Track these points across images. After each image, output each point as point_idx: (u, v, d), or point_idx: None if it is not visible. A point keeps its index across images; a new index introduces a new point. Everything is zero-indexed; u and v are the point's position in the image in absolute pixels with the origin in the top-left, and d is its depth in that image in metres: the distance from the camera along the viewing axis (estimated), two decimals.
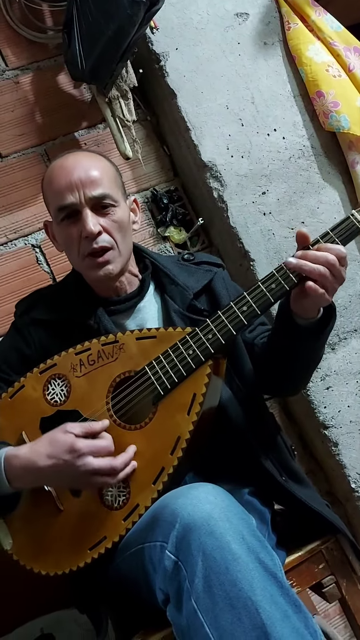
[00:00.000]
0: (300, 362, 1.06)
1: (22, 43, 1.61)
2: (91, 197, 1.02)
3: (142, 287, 1.12)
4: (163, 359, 0.95)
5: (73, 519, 0.94)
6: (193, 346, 0.94)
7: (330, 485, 1.61)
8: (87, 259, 1.05)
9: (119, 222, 1.05)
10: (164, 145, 1.70)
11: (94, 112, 1.61)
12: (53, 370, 1.01)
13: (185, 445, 0.91)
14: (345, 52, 1.57)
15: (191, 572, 0.73)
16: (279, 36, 1.62)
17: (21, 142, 1.59)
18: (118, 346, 0.99)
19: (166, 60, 1.55)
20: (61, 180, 1.03)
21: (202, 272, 1.17)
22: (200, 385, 0.93)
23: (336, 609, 1.55)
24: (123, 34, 1.32)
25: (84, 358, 1.00)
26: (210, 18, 1.59)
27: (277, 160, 1.57)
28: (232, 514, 0.77)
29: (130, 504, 0.91)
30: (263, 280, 0.94)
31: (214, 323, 0.95)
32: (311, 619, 0.72)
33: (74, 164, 1.05)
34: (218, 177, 1.53)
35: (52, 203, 1.07)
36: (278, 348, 1.05)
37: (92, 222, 1.01)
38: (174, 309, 1.08)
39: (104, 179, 1.04)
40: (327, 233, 0.94)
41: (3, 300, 1.52)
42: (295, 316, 0.97)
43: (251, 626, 0.68)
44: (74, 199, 1.02)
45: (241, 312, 0.93)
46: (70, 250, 1.07)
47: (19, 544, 0.97)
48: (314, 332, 0.98)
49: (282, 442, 1.11)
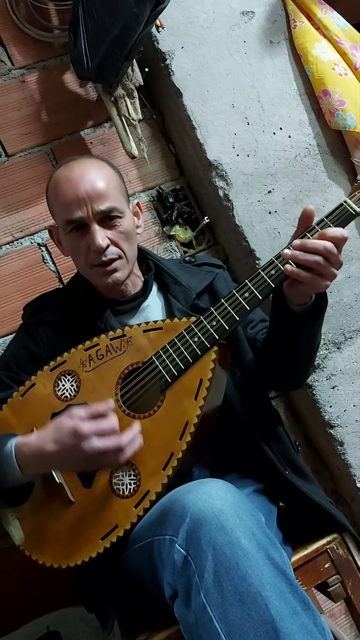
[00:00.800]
0: (297, 350, 1.07)
1: (28, 42, 1.62)
2: (99, 212, 1.04)
3: (146, 287, 1.16)
4: (169, 348, 0.98)
5: (84, 510, 0.95)
6: (198, 333, 0.97)
7: (335, 484, 1.61)
8: (96, 268, 1.08)
9: (126, 233, 1.08)
10: (170, 144, 1.70)
11: (100, 111, 1.62)
12: (63, 367, 1.03)
13: (193, 430, 0.92)
14: (352, 50, 1.56)
15: (201, 566, 0.73)
16: (285, 34, 1.62)
17: (27, 141, 1.60)
18: (126, 339, 1.02)
19: (172, 59, 1.55)
20: (68, 193, 1.05)
21: (204, 273, 1.21)
22: (207, 371, 0.95)
23: (341, 608, 1.54)
24: (129, 32, 1.32)
25: (93, 353, 1.02)
26: (216, 16, 1.59)
27: (282, 159, 1.57)
28: (242, 510, 0.77)
29: (141, 491, 0.92)
30: (263, 267, 0.97)
31: (217, 310, 0.98)
32: (319, 617, 0.72)
33: (80, 175, 1.06)
34: (224, 175, 1.53)
35: (59, 215, 1.09)
36: (276, 337, 1.08)
37: (100, 237, 1.04)
38: (178, 307, 1.11)
39: (110, 191, 1.06)
40: (322, 220, 0.97)
41: (10, 298, 1.52)
42: (290, 303, 0.99)
43: (260, 621, 0.68)
44: (82, 214, 1.04)
45: (243, 298, 0.97)
46: (78, 259, 1.10)
47: (31, 539, 0.98)
48: (308, 318, 1.00)
49: (286, 436, 1.12)
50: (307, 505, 1.03)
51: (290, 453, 1.09)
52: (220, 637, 0.69)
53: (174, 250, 1.65)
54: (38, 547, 0.97)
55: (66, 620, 1.28)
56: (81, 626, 1.25)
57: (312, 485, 1.08)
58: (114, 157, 1.64)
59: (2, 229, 1.55)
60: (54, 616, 1.30)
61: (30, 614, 1.33)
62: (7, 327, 1.49)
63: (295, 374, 1.15)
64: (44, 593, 1.37)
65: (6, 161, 1.58)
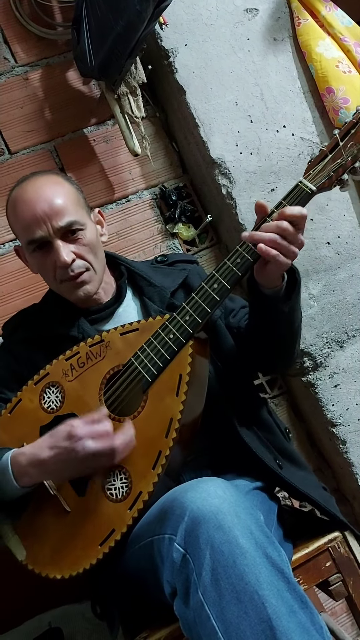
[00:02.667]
0: (279, 332, 1.08)
1: (31, 39, 1.62)
2: (59, 228, 1.05)
3: (120, 293, 1.17)
4: (147, 348, 0.99)
5: (80, 519, 0.95)
6: (173, 330, 0.98)
7: (338, 483, 1.61)
8: (65, 283, 1.09)
9: (89, 245, 1.09)
10: (173, 142, 1.70)
11: (103, 109, 1.62)
12: (47, 379, 1.04)
13: (178, 426, 0.93)
14: (356, 47, 1.56)
15: (199, 565, 0.73)
16: (288, 32, 1.61)
17: (30, 138, 1.60)
18: (104, 344, 1.03)
19: (175, 56, 1.55)
20: (26, 215, 1.05)
21: (177, 272, 1.22)
22: (185, 366, 0.96)
23: (343, 606, 1.54)
24: (132, 30, 1.32)
25: (74, 362, 1.04)
26: (219, 14, 1.59)
27: (286, 157, 1.56)
28: (240, 508, 0.77)
29: (133, 493, 0.92)
30: (229, 257, 0.98)
31: (189, 305, 0.99)
32: (317, 615, 0.72)
33: (35, 195, 1.06)
34: (227, 173, 1.53)
35: (21, 236, 1.10)
36: (256, 323, 1.09)
37: (65, 253, 1.04)
38: (154, 309, 1.12)
39: (68, 206, 1.06)
40: (280, 202, 0.98)
41: (12, 296, 1.53)
42: (262, 287, 1.00)
43: (257, 620, 0.68)
44: (42, 233, 1.04)
45: (212, 289, 0.98)
46: (47, 276, 1.11)
47: (32, 553, 0.99)
48: (282, 298, 1.02)
49: (275, 424, 1.13)
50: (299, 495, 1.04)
51: (281, 441, 1.09)
52: (217, 634, 0.69)
53: (177, 248, 1.65)
54: (40, 560, 0.97)
55: (68, 616, 1.29)
56: (83, 623, 1.26)
57: (304, 472, 1.09)
58: (116, 155, 1.64)
59: (4, 227, 1.55)
60: (56, 613, 1.31)
61: (32, 610, 1.34)
62: None
63: (282, 355, 1.15)
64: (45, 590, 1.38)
65: (9, 158, 1.59)
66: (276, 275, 0.98)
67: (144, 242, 1.62)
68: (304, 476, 1.07)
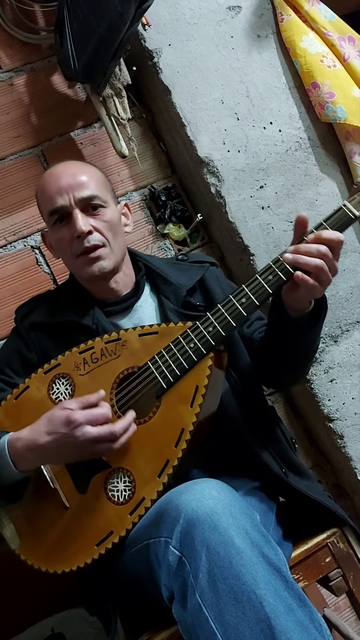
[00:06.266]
0: (296, 354, 1.06)
1: (15, 44, 1.61)
2: (80, 199, 1.07)
3: (138, 288, 1.16)
4: (165, 353, 0.97)
5: (79, 516, 0.95)
6: (194, 339, 0.96)
7: (337, 478, 1.61)
8: (80, 257, 1.08)
9: (109, 222, 1.09)
10: (160, 142, 1.70)
11: (89, 112, 1.61)
12: (57, 370, 1.02)
13: (189, 437, 0.92)
14: (340, 41, 1.56)
15: (195, 567, 0.73)
16: (272, 28, 1.61)
17: (17, 144, 1.59)
18: (121, 343, 1.01)
19: (159, 56, 1.55)
20: (51, 187, 1.08)
21: (195, 269, 1.20)
22: (202, 377, 0.94)
23: (346, 601, 1.54)
24: (115, 31, 1.32)
25: (88, 357, 1.02)
26: (202, 12, 1.58)
27: (274, 154, 1.56)
28: (235, 509, 0.77)
29: (136, 498, 0.92)
30: (260, 272, 0.95)
31: (214, 316, 0.96)
32: (316, 613, 0.72)
33: (63, 170, 1.10)
34: (215, 172, 1.53)
35: (44, 209, 1.11)
36: (274, 341, 1.07)
37: (82, 222, 1.05)
38: (170, 307, 1.11)
39: (91, 182, 1.09)
40: (321, 224, 0.95)
41: (4, 302, 1.52)
42: (288, 308, 0.98)
43: (255, 620, 0.68)
44: (63, 202, 1.06)
45: (240, 304, 0.95)
46: (64, 252, 1.11)
47: (26, 544, 0.98)
48: (306, 324, 0.99)
49: (282, 434, 1.12)
50: (305, 501, 1.03)
51: (287, 451, 1.08)
52: (217, 636, 0.69)
53: (168, 248, 1.64)
54: (33, 552, 0.96)
55: (70, 621, 1.29)
56: (85, 627, 1.26)
57: (309, 482, 1.07)
58: (104, 157, 1.64)
59: None
60: (59, 618, 1.30)
61: (35, 615, 1.34)
62: (3, 330, 1.49)
63: (293, 375, 1.14)
64: (48, 595, 1.38)
65: None
66: (306, 299, 0.96)
67: (135, 243, 1.61)
68: (309, 485, 1.06)
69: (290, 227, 1.54)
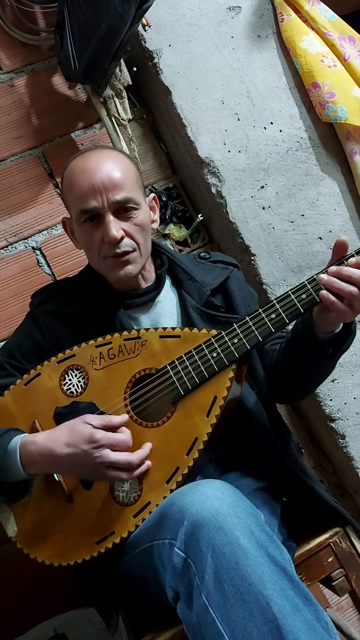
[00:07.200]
0: (312, 374, 1.06)
1: (15, 46, 1.61)
2: (114, 202, 1.01)
3: (159, 282, 1.12)
4: (186, 359, 0.95)
5: (82, 512, 0.94)
6: (218, 349, 0.94)
7: (339, 477, 1.61)
8: (109, 259, 1.04)
9: (141, 225, 1.05)
10: (161, 143, 1.70)
11: (90, 112, 1.61)
12: (71, 360, 1.00)
13: (202, 447, 0.91)
14: (340, 41, 1.56)
15: (201, 568, 0.73)
16: (272, 28, 1.61)
17: (18, 145, 1.59)
18: (140, 342, 0.99)
19: (160, 57, 1.55)
20: (83, 183, 1.01)
21: (219, 270, 1.18)
22: (222, 389, 0.93)
23: (349, 601, 1.54)
24: (115, 32, 1.32)
25: (105, 351, 1.00)
26: (202, 13, 1.58)
27: (274, 154, 1.56)
28: (240, 509, 0.77)
29: (141, 501, 0.91)
30: (294, 290, 0.94)
31: (240, 328, 0.95)
32: (322, 612, 0.72)
33: (96, 165, 1.03)
34: (216, 172, 1.53)
35: (73, 205, 1.06)
36: (293, 357, 1.06)
37: (115, 228, 1.00)
38: (192, 304, 1.08)
39: (126, 182, 1.03)
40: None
41: (6, 303, 1.52)
42: (315, 327, 0.97)
43: (263, 620, 0.68)
44: (96, 204, 1.01)
45: (269, 319, 0.94)
46: (91, 250, 1.06)
47: (24, 532, 0.97)
48: (330, 345, 0.98)
49: (290, 439, 1.12)
50: (311, 498, 1.03)
51: (296, 456, 1.09)
52: (224, 637, 0.69)
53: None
54: (32, 543, 0.95)
55: (73, 622, 1.29)
56: (88, 628, 1.26)
57: (316, 485, 1.07)
58: None
59: None
60: (61, 619, 1.30)
61: (38, 617, 1.33)
62: (4, 332, 1.49)
63: (302, 393, 1.14)
64: (51, 596, 1.38)
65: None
66: (336, 322, 0.95)
67: None
68: (317, 487, 1.06)
69: (291, 227, 1.54)
